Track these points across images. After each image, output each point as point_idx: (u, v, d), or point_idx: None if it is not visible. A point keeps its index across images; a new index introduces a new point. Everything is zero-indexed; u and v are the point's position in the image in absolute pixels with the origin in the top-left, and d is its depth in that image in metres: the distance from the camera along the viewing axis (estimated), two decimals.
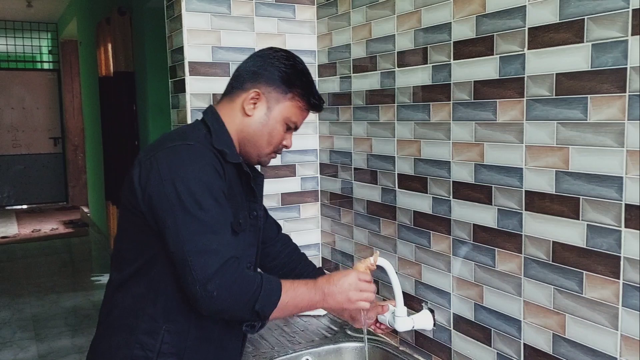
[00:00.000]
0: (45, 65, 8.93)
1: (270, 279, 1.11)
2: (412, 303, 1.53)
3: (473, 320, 1.35)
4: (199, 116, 1.78)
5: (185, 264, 1.04)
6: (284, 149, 1.28)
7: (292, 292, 1.12)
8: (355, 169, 1.77)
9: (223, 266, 1.03)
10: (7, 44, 8.49)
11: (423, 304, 1.51)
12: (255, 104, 1.20)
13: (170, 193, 1.05)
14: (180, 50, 1.76)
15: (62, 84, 8.43)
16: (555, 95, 1.10)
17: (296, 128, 1.26)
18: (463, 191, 1.35)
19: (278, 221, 1.91)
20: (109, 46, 4.87)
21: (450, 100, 1.36)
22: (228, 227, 1.10)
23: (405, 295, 1.52)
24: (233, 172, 1.19)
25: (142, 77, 4.48)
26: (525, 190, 1.18)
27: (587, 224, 1.06)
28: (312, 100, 1.23)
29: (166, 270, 1.13)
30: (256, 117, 1.20)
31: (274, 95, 1.20)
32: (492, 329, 1.30)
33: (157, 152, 1.12)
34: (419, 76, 1.46)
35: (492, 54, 1.23)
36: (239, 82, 1.23)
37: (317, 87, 1.27)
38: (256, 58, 1.24)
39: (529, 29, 1.14)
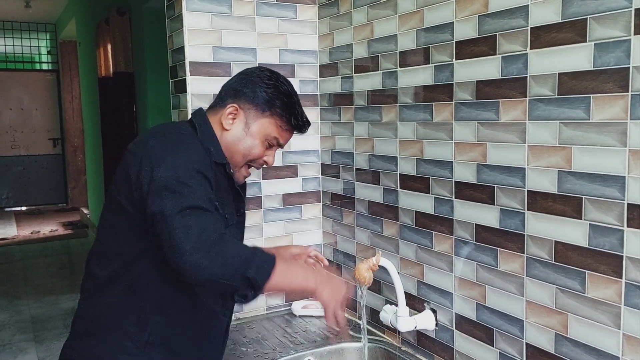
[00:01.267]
0: (44, 66, 8.92)
1: (264, 251, 1.12)
2: (415, 303, 1.53)
3: (475, 320, 1.35)
4: None
5: (172, 238, 1.03)
6: (265, 166, 1.30)
7: (287, 265, 1.14)
8: (357, 169, 1.77)
9: (212, 236, 1.03)
10: (5, 45, 8.48)
11: (425, 304, 1.51)
12: (234, 119, 1.24)
13: (161, 176, 1.07)
14: (181, 50, 1.76)
15: (61, 84, 8.42)
16: (558, 95, 1.10)
17: (280, 145, 1.29)
18: (465, 191, 1.35)
19: (279, 222, 1.92)
20: (109, 47, 4.87)
21: (452, 100, 1.36)
22: (214, 207, 1.11)
23: (408, 295, 1.52)
24: (219, 171, 1.22)
25: (141, 77, 4.48)
26: (528, 190, 1.18)
27: (590, 224, 1.06)
28: (293, 121, 1.25)
29: (155, 263, 1.14)
30: (233, 131, 1.24)
31: (252, 111, 1.23)
32: (495, 328, 1.30)
33: (148, 141, 1.16)
34: (421, 76, 1.46)
35: (495, 54, 1.23)
36: (220, 99, 1.27)
37: (302, 107, 1.29)
38: (239, 76, 1.28)
39: (531, 28, 1.14)
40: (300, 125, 1.27)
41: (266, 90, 1.23)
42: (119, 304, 1.17)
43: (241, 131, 1.24)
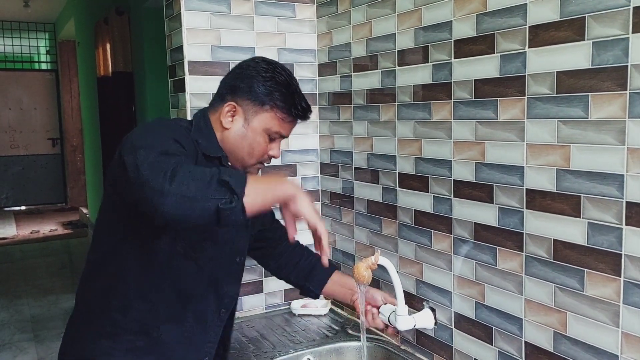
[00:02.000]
0: (43, 66, 8.91)
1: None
2: (414, 302, 1.53)
3: (474, 318, 1.35)
4: None
5: (140, 176, 0.96)
6: (273, 159, 1.27)
7: (256, 177, 1.03)
8: (356, 168, 1.77)
9: (179, 166, 0.96)
10: (4, 44, 8.47)
11: (424, 303, 1.51)
12: (233, 116, 1.21)
13: (137, 144, 1.04)
14: (179, 49, 1.76)
15: (60, 84, 8.41)
16: (556, 94, 1.10)
17: (283, 137, 1.25)
18: (464, 190, 1.35)
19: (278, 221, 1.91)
20: (107, 46, 4.86)
21: (451, 99, 1.36)
22: (188, 159, 1.05)
23: (407, 294, 1.52)
24: (210, 165, 1.19)
25: (140, 77, 4.47)
26: (527, 189, 1.18)
27: (588, 222, 1.06)
28: (293, 111, 1.21)
29: (136, 248, 1.15)
30: (234, 129, 1.21)
31: (251, 107, 1.20)
32: (494, 327, 1.30)
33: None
34: (420, 75, 1.46)
35: (493, 53, 1.23)
36: (219, 96, 1.25)
37: (303, 91, 1.24)
38: (236, 70, 1.25)
39: (530, 27, 1.14)
40: (302, 114, 1.22)
41: (264, 84, 1.19)
42: (105, 288, 1.19)
43: (241, 128, 1.21)
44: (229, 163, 1.23)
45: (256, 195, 0.97)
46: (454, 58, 1.34)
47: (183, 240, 1.17)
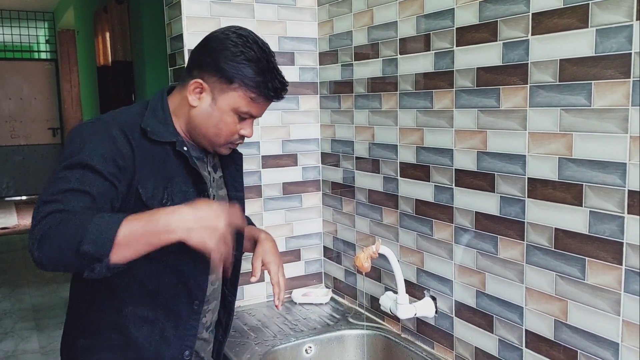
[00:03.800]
0: (43, 55, 8.88)
1: (106, 215, 0.97)
2: (414, 291, 1.54)
3: (475, 307, 1.35)
4: None
5: (30, 227, 1.00)
6: (246, 138, 1.19)
7: (141, 220, 0.96)
8: (357, 158, 1.76)
9: (50, 223, 0.94)
10: (3, 34, 8.43)
11: (425, 292, 1.51)
12: (200, 93, 1.13)
13: (55, 168, 1.05)
14: (179, 37, 1.74)
15: (60, 74, 8.38)
16: (559, 82, 1.09)
17: (253, 117, 1.16)
18: (466, 179, 1.34)
19: (279, 211, 1.92)
20: (107, 35, 4.84)
21: (453, 88, 1.35)
22: (87, 195, 1.01)
23: (407, 283, 1.53)
24: (163, 151, 1.13)
25: (140, 66, 4.46)
26: (528, 178, 1.18)
27: (590, 211, 1.06)
28: (264, 91, 1.11)
29: None
30: (201, 108, 1.13)
31: (218, 85, 1.11)
32: (494, 315, 1.30)
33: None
34: (422, 63, 1.45)
35: (496, 40, 1.22)
36: (188, 70, 1.16)
37: (281, 72, 1.16)
38: (204, 42, 1.15)
39: (532, 14, 1.13)
40: (273, 94, 1.13)
41: (232, 60, 1.09)
42: (83, 288, 1.19)
43: (208, 107, 1.13)
44: (185, 148, 1.15)
45: (128, 251, 0.94)
46: (456, 46, 1.33)
47: None
